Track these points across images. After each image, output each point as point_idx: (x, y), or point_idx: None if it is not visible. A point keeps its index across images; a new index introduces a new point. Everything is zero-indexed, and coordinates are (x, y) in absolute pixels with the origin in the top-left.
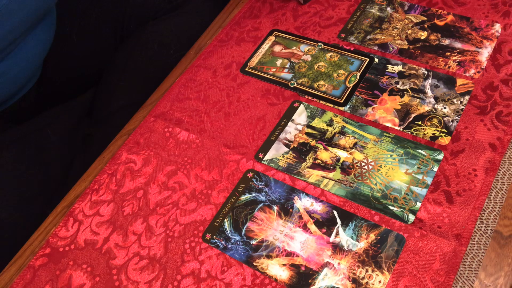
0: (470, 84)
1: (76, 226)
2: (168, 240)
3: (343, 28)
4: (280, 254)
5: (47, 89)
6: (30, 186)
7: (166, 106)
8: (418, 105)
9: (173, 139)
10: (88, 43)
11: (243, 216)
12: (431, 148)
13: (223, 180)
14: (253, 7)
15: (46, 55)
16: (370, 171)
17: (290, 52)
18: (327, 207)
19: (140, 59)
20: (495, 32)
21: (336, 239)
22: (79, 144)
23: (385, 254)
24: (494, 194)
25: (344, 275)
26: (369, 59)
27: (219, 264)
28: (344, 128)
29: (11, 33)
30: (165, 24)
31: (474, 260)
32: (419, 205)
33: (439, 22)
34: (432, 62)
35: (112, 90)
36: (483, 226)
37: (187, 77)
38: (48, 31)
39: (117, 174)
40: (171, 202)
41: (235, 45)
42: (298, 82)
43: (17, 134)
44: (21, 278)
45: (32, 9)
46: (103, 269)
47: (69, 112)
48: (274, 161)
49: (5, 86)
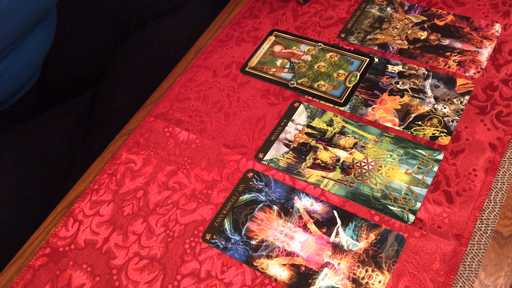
0: (470, 84)
1: (76, 226)
2: (168, 240)
3: (343, 28)
4: (280, 254)
5: (47, 89)
6: (30, 186)
7: (166, 106)
8: (418, 105)
9: (173, 139)
10: (88, 43)
11: (243, 216)
12: (431, 148)
13: (223, 180)
14: (253, 7)
15: (46, 55)
16: (370, 171)
17: (290, 52)
18: (327, 207)
19: (140, 59)
20: (495, 32)
21: (336, 239)
22: (79, 144)
23: (385, 254)
24: (494, 194)
25: (344, 275)
26: (369, 59)
27: (219, 264)
28: (344, 128)
29: (11, 32)
30: (165, 24)
31: (474, 260)
32: (419, 205)
33: (439, 22)
34: (432, 62)
35: (112, 90)
36: (483, 226)
37: (187, 77)
38: (48, 31)
39: (117, 174)
40: (171, 202)
41: (235, 45)
42: (298, 82)
43: (17, 134)
44: (21, 278)
45: (33, 9)
46: (103, 269)
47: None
48: (274, 161)
49: (5, 85)
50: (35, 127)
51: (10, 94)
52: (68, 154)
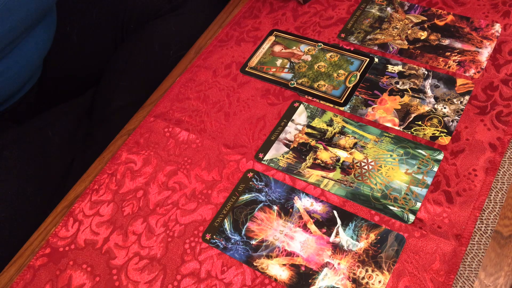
0: (470, 84)
1: (76, 226)
2: (168, 240)
3: (343, 28)
4: (280, 254)
5: (47, 89)
6: (30, 186)
7: (166, 106)
8: (418, 105)
9: (173, 139)
10: (88, 43)
11: (243, 216)
12: (431, 148)
13: (223, 180)
14: (253, 7)
15: (46, 55)
16: (370, 171)
17: (290, 52)
18: (327, 207)
19: (140, 59)
20: (495, 32)
21: (336, 239)
22: (79, 144)
23: (385, 254)
24: (494, 194)
25: (344, 275)
26: (369, 59)
27: (219, 264)
28: (344, 128)
29: (11, 32)
30: (165, 24)
31: (474, 260)
32: (419, 205)
33: (439, 22)
34: (432, 62)
35: (112, 90)
36: (483, 226)
37: (187, 77)
38: (48, 31)
39: (117, 174)
40: (171, 202)
41: (235, 45)
42: (298, 82)
43: (17, 134)
44: (21, 278)
45: (32, 8)
46: (103, 269)
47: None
48: (274, 161)
49: (5, 85)
50: (35, 127)
51: (10, 94)
52: (68, 154)
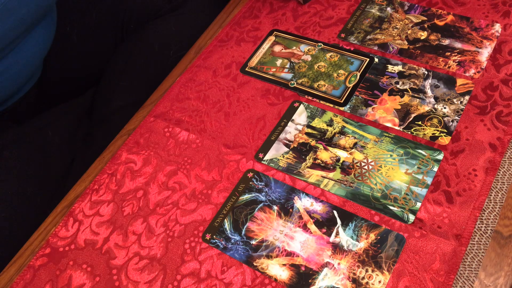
0: (470, 84)
1: (76, 226)
2: (168, 240)
3: (343, 28)
4: (280, 254)
5: (47, 89)
6: (30, 186)
7: (166, 106)
8: (418, 105)
9: (173, 139)
10: (88, 43)
11: (243, 216)
12: (431, 148)
13: (223, 180)
14: (253, 7)
15: (46, 55)
16: (370, 171)
17: (290, 52)
18: (327, 207)
19: (140, 59)
20: (495, 32)
21: (336, 239)
22: (79, 144)
23: (385, 254)
24: (494, 194)
25: (344, 275)
26: (369, 59)
27: (219, 264)
28: (344, 128)
29: (10, 31)
30: (165, 24)
31: (474, 260)
32: (419, 205)
33: (439, 22)
34: (432, 62)
35: (112, 90)
36: (483, 226)
37: (187, 77)
38: (48, 31)
39: (117, 174)
40: (171, 202)
41: (235, 45)
42: (298, 82)
43: (17, 134)
44: (21, 278)
45: (32, 8)
46: (103, 269)
47: (69, 112)
48: (274, 161)
49: (5, 85)
50: (35, 127)
51: (10, 94)
52: (68, 154)
